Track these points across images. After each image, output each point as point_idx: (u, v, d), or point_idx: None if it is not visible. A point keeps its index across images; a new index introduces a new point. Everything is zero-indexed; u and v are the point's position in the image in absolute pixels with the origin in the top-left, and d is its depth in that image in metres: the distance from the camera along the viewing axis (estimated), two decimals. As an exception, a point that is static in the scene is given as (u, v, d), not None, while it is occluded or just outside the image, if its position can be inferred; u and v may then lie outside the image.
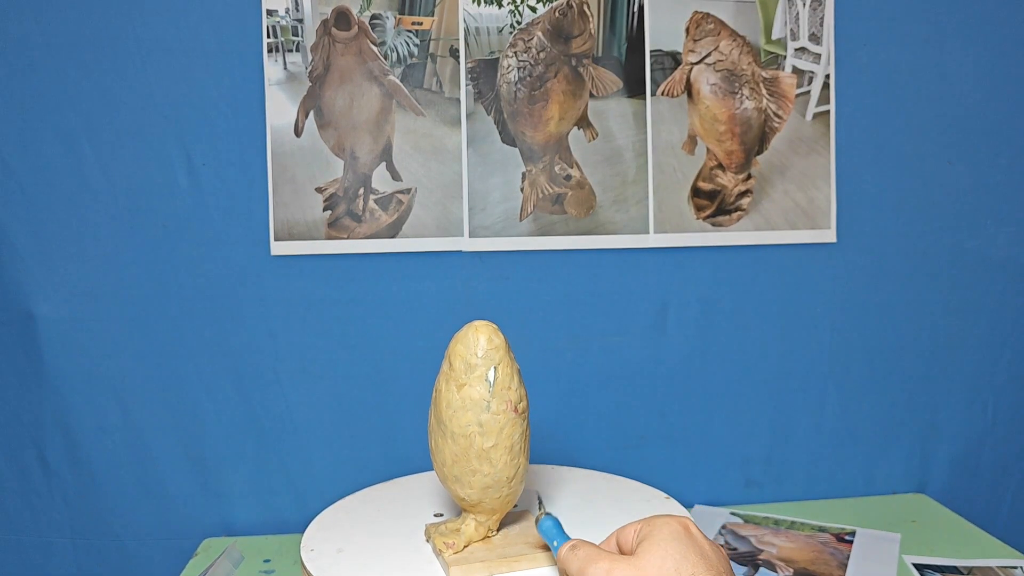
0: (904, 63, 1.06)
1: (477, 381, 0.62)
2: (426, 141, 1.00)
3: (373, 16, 0.98)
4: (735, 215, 1.05)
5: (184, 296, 0.98)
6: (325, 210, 0.99)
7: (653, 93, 1.03)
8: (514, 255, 1.02)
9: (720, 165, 1.04)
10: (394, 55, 0.99)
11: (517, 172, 1.01)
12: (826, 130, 1.06)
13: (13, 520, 1.01)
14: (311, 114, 0.98)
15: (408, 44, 0.99)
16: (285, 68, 0.98)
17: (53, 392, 0.98)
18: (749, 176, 1.05)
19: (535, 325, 1.03)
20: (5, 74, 0.94)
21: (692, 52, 1.03)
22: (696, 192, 1.04)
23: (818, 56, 1.05)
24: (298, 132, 0.98)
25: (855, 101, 1.06)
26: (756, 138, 1.05)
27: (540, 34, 1.00)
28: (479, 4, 1.00)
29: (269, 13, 0.97)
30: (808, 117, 1.05)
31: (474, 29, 1.00)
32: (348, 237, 1.00)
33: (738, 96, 1.04)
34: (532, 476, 0.84)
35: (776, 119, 1.05)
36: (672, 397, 1.06)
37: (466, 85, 1.00)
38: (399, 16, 0.99)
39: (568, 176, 1.02)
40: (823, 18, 1.05)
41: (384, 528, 0.74)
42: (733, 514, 1.04)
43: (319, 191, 0.99)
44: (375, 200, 1.00)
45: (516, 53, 1.00)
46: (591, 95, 1.02)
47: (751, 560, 0.91)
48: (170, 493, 1.01)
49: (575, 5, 1.01)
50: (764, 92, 1.04)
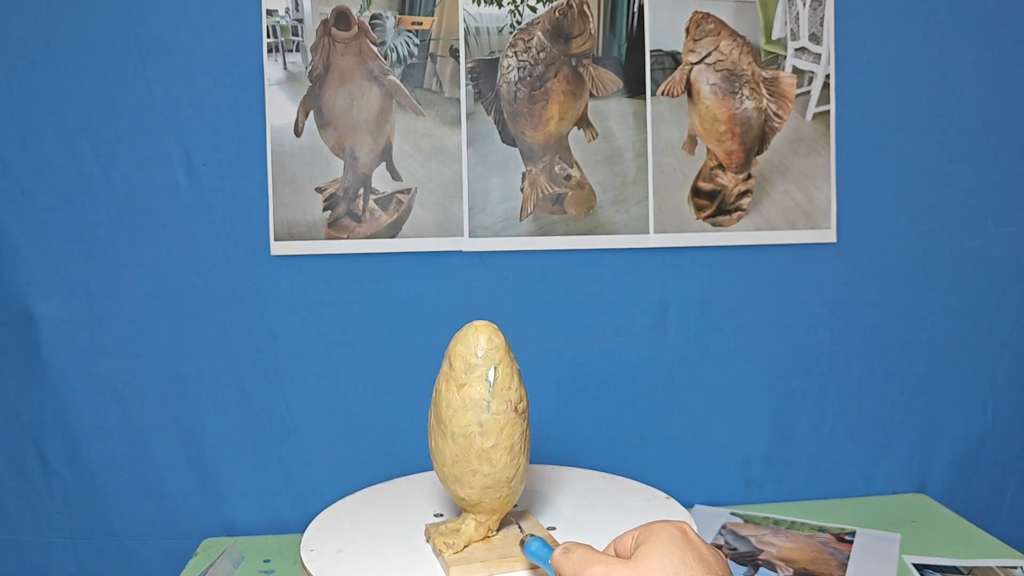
0: (904, 63, 1.06)
1: (477, 381, 0.62)
2: (426, 141, 1.00)
3: (373, 16, 0.98)
4: (735, 215, 1.05)
5: (184, 296, 0.98)
6: (325, 210, 0.99)
7: (653, 93, 1.03)
8: (514, 255, 1.02)
9: (720, 165, 1.04)
10: (394, 55, 0.99)
11: (517, 172, 1.01)
12: (826, 130, 1.06)
13: (13, 520, 1.01)
14: (311, 114, 0.98)
15: (408, 44, 0.99)
16: (285, 68, 0.98)
17: (53, 392, 0.98)
18: (749, 176, 1.05)
19: (535, 325, 1.03)
20: (5, 74, 0.94)
21: (692, 52, 1.03)
22: (696, 192, 1.04)
23: (818, 56, 1.05)
24: (298, 132, 0.98)
25: (855, 101, 1.06)
26: (756, 138, 1.05)
27: (540, 34, 1.00)
28: (479, 4, 1.00)
29: (269, 13, 0.97)
30: (808, 117, 1.05)
31: (474, 29, 1.00)
32: (348, 237, 1.00)
33: (738, 96, 1.04)
34: (532, 476, 0.84)
35: (776, 119, 1.05)
36: (672, 397, 1.06)
37: (466, 85, 1.00)
38: (399, 16, 0.99)
39: (568, 176, 1.02)
40: (823, 18, 1.05)
41: (384, 528, 0.74)
42: (733, 514, 1.04)
43: (319, 191, 0.99)
44: (375, 200, 1.00)
45: (516, 53, 1.00)
46: (591, 95, 1.02)
47: (751, 560, 0.91)
48: (170, 493, 1.01)
49: (575, 5, 1.01)
50: (764, 92, 1.04)
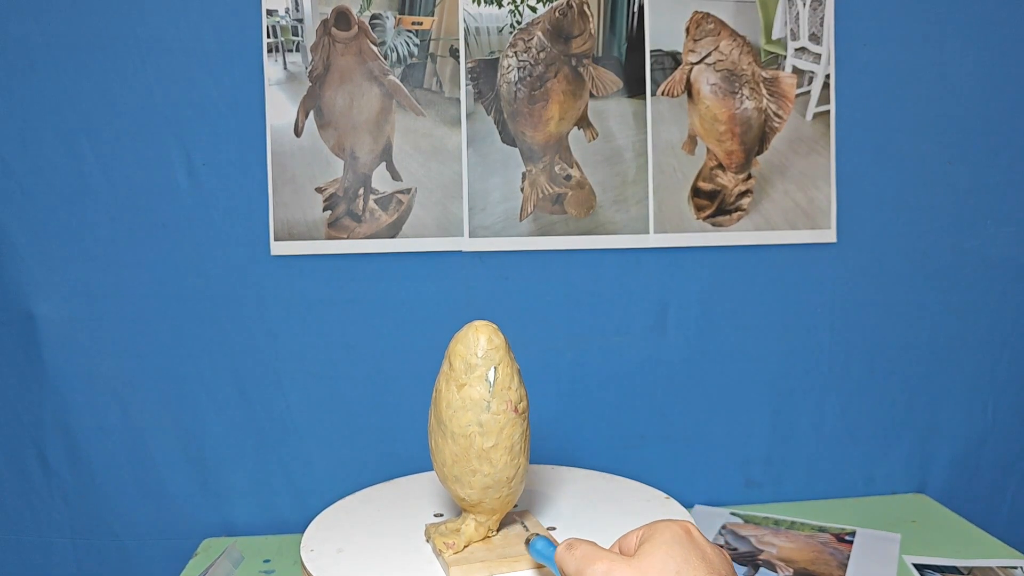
0: (904, 63, 1.06)
1: (477, 381, 0.62)
2: (426, 141, 1.00)
3: (373, 16, 0.98)
4: (735, 215, 1.05)
5: (184, 296, 0.98)
6: (325, 210, 0.99)
7: (653, 93, 1.03)
8: (514, 255, 1.02)
9: (720, 165, 1.04)
10: (394, 55, 0.99)
11: (517, 172, 1.01)
12: (826, 130, 1.06)
13: (13, 520, 1.01)
14: (311, 114, 0.98)
15: (408, 44, 0.99)
16: (285, 68, 0.98)
17: (53, 392, 0.98)
18: (749, 176, 1.05)
19: (535, 325, 1.03)
20: (5, 74, 0.94)
21: (692, 52, 1.03)
22: (696, 192, 1.04)
23: (818, 56, 1.05)
24: (298, 132, 0.98)
25: (855, 101, 1.06)
26: (756, 138, 1.05)
27: (540, 34, 1.00)
28: (479, 4, 1.00)
29: (269, 13, 0.97)
30: (808, 117, 1.05)
31: (474, 29, 1.00)
32: (348, 237, 1.00)
33: (738, 96, 1.04)
34: (532, 476, 0.84)
35: (776, 119, 1.05)
36: (672, 397, 1.06)
37: (466, 85, 1.00)
38: (399, 16, 0.99)
39: (568, 176, 1.02)
40: (823, 18, 1.05)
41: (384, 528, 0.74)
42: (733, 514, 1.04)
43: (319, 191, 0.99)
44: (375, 200, 1.00)
45: (516, 53, 1.00)
46: (591, 95, 1.02)
47: (751, 560, 0.91)
48: (170, 493, 1.01)
49: (575, 5, 1.01)
50: (764, 92, 1.04)
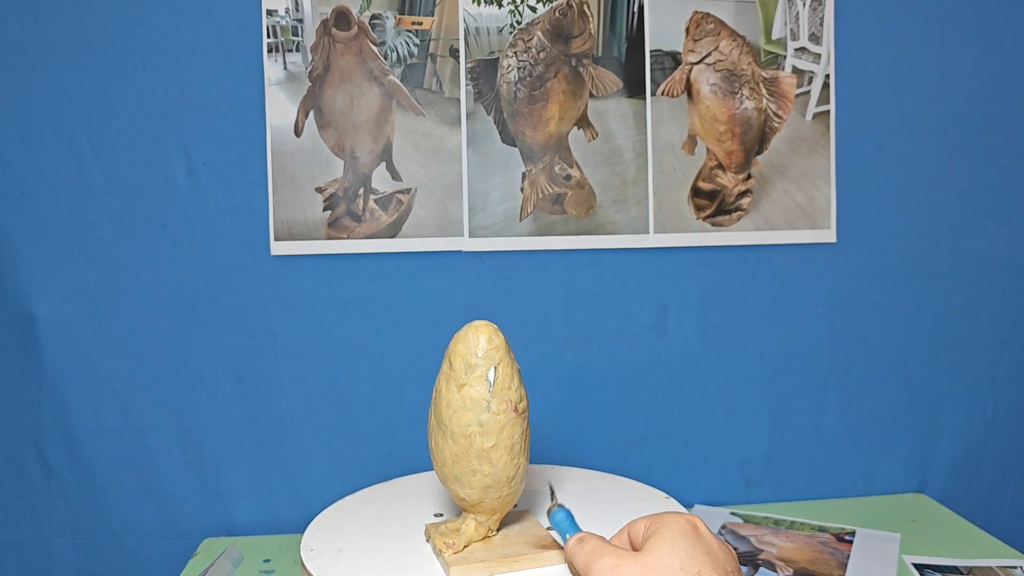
0: (904, 63, 1.06)
1: (477, 381, 0.62)
2: (426, 141, 1.00)
3: (373, 16, 0.98)
4: (735, 215, 1.05)
5: (184, 296, 0.98)
6: (325, 210, 0.99)
7: (653, 93, 1.03)
8: (514, 255, 1.02)
9: (720, 165, 1.04)
10: (394, 55, 0.99)
11: (517, 172, 1.01)
12: (826, 130, 1.06)
13: (13, 520, 1.01)
14: (311, 114, 0.98)
15: (408, 44, 0.99)
16: (285, 68, 0.98)
17: (53, 392, 0.98)
18: (749, 176, 1.05)
19: (535, 325, 1.03)
20: (5, 74, 0.94)
21: (692, 52, 1.03)
22: (696, 192, 1.04)
23: (818, 56, 1.05)
24: (298, 132, 0.98)
25: (855, 101, 1.06)
26: (756, 138, 1.05)
27: (540, 34, 1.00)
28: (479, 4, 1.00)
29: (269, 13, 0.97)
30: (808, 117, 1.05)
31: (474, 29, 1.00)
32: (348, 237, 1.00)
33: (738, 96, 1.04)
34: (532, 476, 0.84)
35: (776, 119, 1.05)
36: (672, 397, 1.06)
37: (466, 85, 1.00)
38: (399, 16, 0.99)
39: (568, 176, 1.02)
40: (823, 18, 1.05)
41: (384, 528, 0.74)
42: (733, 514, 1.04)
43: (319, 191, 0.99)
44: (375, 200, 1.00)
45: (516, 53, 1.00)
46: (591, 95, 1.02)
47: (751, 560, 0.91)
48: (170, 493, 1.01)
49: (575, 5, 1.01)
50: (764, 92, 1.04)
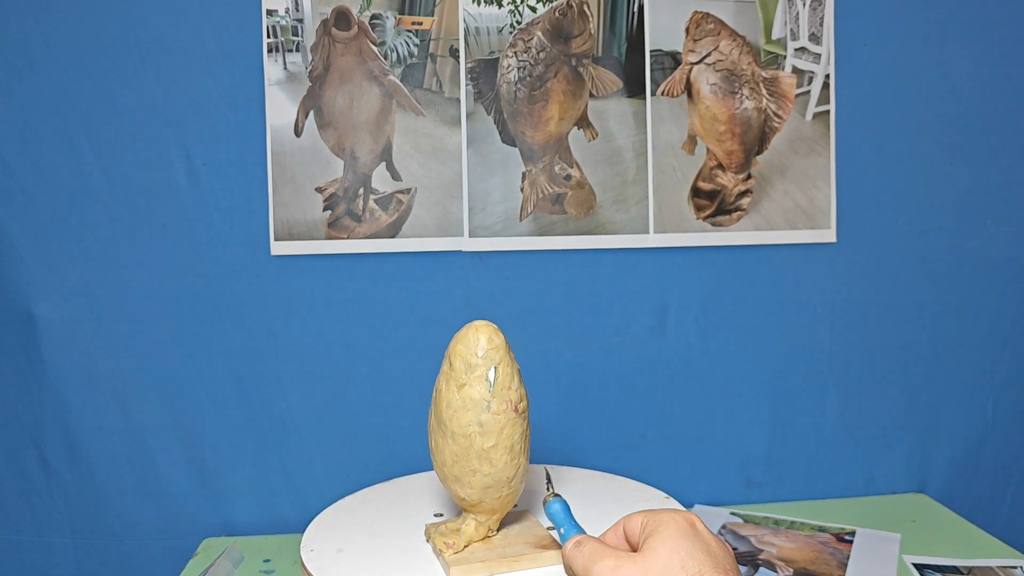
0: (904, 63, 1.06)
1: (477, 381, 0.62)
2: (426, 141, 1.00)
3: (373, 16, 0.98)
4: (735, 215, 1.05)
5: (184, 296, 0.98)
6: (325, 210, 0.99)
7: (653, 93, 1.03)
8: (514, 255, 1.02)
9: (720, 165, 1.04)
10: (394, 55, 0.99)
11: (517, 172, 1.01)
12: (826, 130, 1.06)
13: (13, 520, 1.01)
14: (311, 114, 0.98)
15: (408, 44, 0.99)
16: (285, 68, 0.98)
17: (53, 392, 0.98)
18: (749, 176, 1.05)
19: (535, 325, 1.03)
20: (5, 74, 0.94)
21: (692, 52, 1.03)
22: (696, 192, 1.04)
23: (818, 56, 1.05)
24: (298, 132, 0.98)
25: (855, 101, 1.06)
26: (756, 138, 1.05)
27: (540, 34, 1.00)
28: (479, 4, 1.00)
29: (269, 13, 0.97)
30: (808, 117, 1.05)
31: (474, 29, 1.00)
32: (348, 237, 1.00)
33: (738, 96, 1.04)
34: (532, 476, 0.84)
35: (776, 119, 1.05)
36: (672, 397, 1.06)
37: (466, 85, 1.00)
38: (399, 16, 0.99)
39: (568, 176, 1.02)
40: (823, 18, 1.05)
41: (384, 528, 0.74)
42: (733, 514, 1.04)
43: (319, 191, 0.99)
44: (375, 200, 1.00)
45: (516, 53, 1.00)
46: (591, 95, 1.02)
47: (751, 560, 0.91)
48: (170, 493, 1.01)
49: (575, 5, 1.01)
50: (764, 92, 1.04)
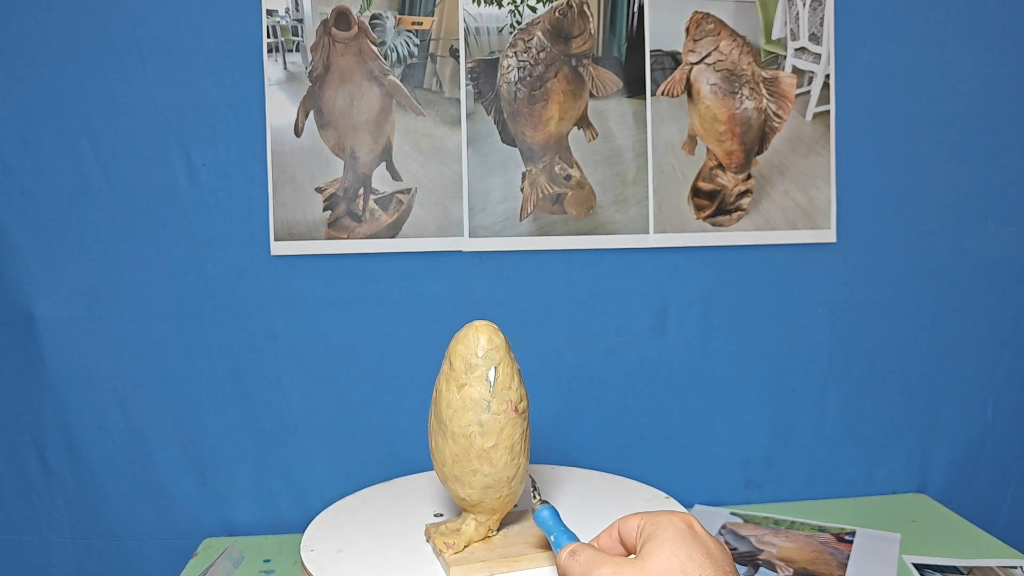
0: (904, 63, 1.06)
1: (477, 381, 0.62)
2: (426, 141, 1.00)
3: (373, 16, 0.98)
4: (735, 215, 1.05)
5: (184, 296, 0.98)
6: (325, 210, 0.99)
7: (653, 93, 1.03)
8: (514, 255, 1.02)
9: (720, 165, 1.04)
10: (394, 55, 0.99)
11: (517, 172, 1.01)
12: (826, 130, 1.06)
13: (13, 520, 1.01)
14: (311, 114, 0.98)
15: (408, 44, 0.99)
16: (285, 68, 0.98)
17: (53, 392, 0.98)
18: (749, 176, 1.05)
19: (535, 325, 1.03)
20: (5, 74, 0.94)
21: (692, 52, 1.03)
22: (696, 192, 1.04)
23: (818, 56, 1.05)
24: (298, 132, 0.98)
25: (855, 101, 1.06)
26: (756, 138, 1.05)
27: (540, 34, 1.00)
28: (479, 4, 1.00)
29: (269, 13, 0.97)
30: (808, 117, 1.05)
31: (474, 29, 1.00)
32: (348, 237, 1.00)
33: (738, 96, 1.04)
34: (533, 476, 0.84)
35: (776, 119, 1.05)
36: (672, 397, 1.06)
37: (466, 85, 1.00)
38: (399, 16, 0.99)
39: (568, 176, 1.02)
40: (823, 18, 1.05)
41: (384, 528, 0.74)
42: (733, 514, 1.04)
43: (319, 191, 0.99)
44: (375, 200, 1.00)
45: (516, 53, 1.00)
46: (591, 95, 1.02)
47: (751, 560, 0.91)
48: (170, 493, 1.01)
49: (575, 5, 1.01)
50: (764, 92, 1.04)
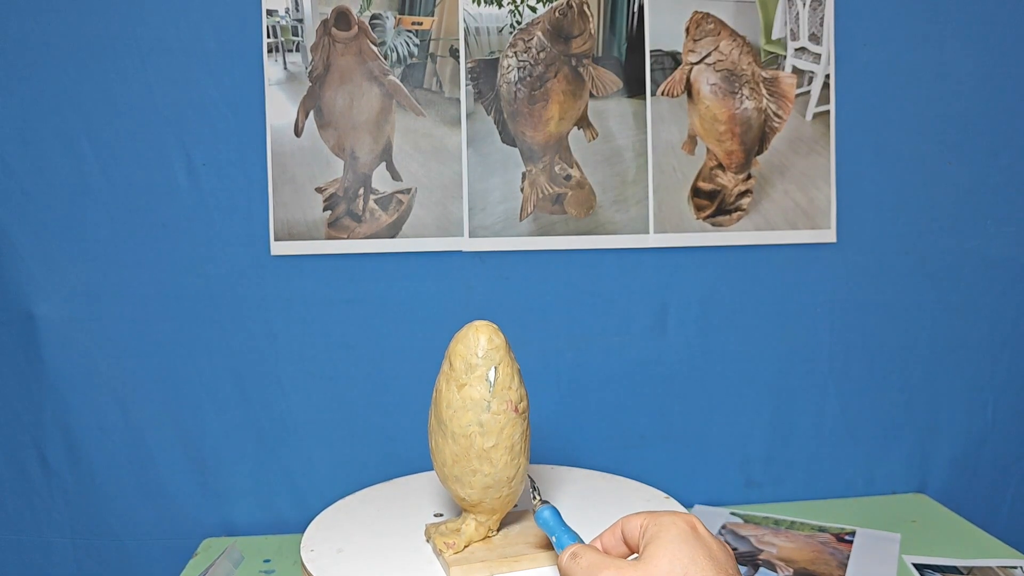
0: (904, 63, 1.06)
1: (477, 381, 0.62)
2: (426, 141, 1.00)
3: (373, 16, 0.98)
4: (735, 215, 1.05)
5: (184, 296, 0.98)
6: (325, 210, 0.99)
7: (653, 93, 1.03)
8: (514, 255, 1.02)
9: (720, 165, 1.04)
10: (394, 55, 0.99)
11: (517, 172, 1.01)
12: (826, 130, 1.06)
13: (13, 520, 1.01)
14: (311, 114, 0.98)
15: (408, 44, 0.99)
16: (285, 68, 0.98)
17: (53, 392, 0.98)
18: (749, 176, 1.05)
19: (535, 325, 1.03)
20: (5, 74, 0.94)
21: (692, 52, 1.03)
22: (696, 192, 1.04)
23: (818, 56, 1.05)
24: (298, 132, 0.98)
25: (855, 101, 1.06)
26: (756, 138, 1.05)
27: (540, 34, 1.00)
28: (479, 4, 1.00)
29: (269, 13, 0.97)
30: (808, 117, 1.05)
31: (474, 29, 1.00)
32: (348, 237, 1.00)
33: (738, 96, 1.04)
34: (532, 476, 0.84)
35: (776, 119, 1.05)
36: (672, 397, 1.06)
37: (466, 85, 1.00)
38: (399, 16, 0.99)
39: (568, 176, 1.02)
40: (823, 18, 1.05)
41: (384, 528, 0.74)
42: (733, 514, 1.04)
43: (319, 191, 0.99)
44: (375, 200, 1.00)
45: (516, 53, 1.00)
46: (591, 95, 1.02)
47: (751, 560, 0.91)
48: (170, 493, 1.01)
49: (575, 5, 1.01)
50: (764, 92, 1.04)
